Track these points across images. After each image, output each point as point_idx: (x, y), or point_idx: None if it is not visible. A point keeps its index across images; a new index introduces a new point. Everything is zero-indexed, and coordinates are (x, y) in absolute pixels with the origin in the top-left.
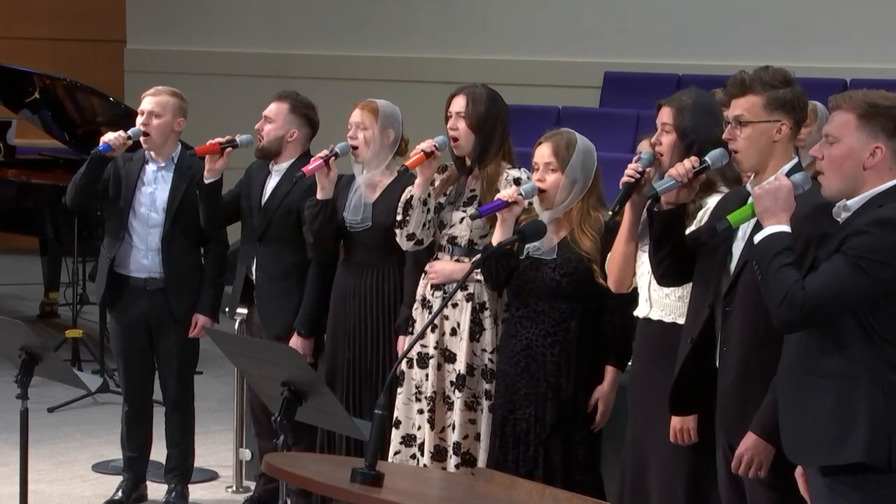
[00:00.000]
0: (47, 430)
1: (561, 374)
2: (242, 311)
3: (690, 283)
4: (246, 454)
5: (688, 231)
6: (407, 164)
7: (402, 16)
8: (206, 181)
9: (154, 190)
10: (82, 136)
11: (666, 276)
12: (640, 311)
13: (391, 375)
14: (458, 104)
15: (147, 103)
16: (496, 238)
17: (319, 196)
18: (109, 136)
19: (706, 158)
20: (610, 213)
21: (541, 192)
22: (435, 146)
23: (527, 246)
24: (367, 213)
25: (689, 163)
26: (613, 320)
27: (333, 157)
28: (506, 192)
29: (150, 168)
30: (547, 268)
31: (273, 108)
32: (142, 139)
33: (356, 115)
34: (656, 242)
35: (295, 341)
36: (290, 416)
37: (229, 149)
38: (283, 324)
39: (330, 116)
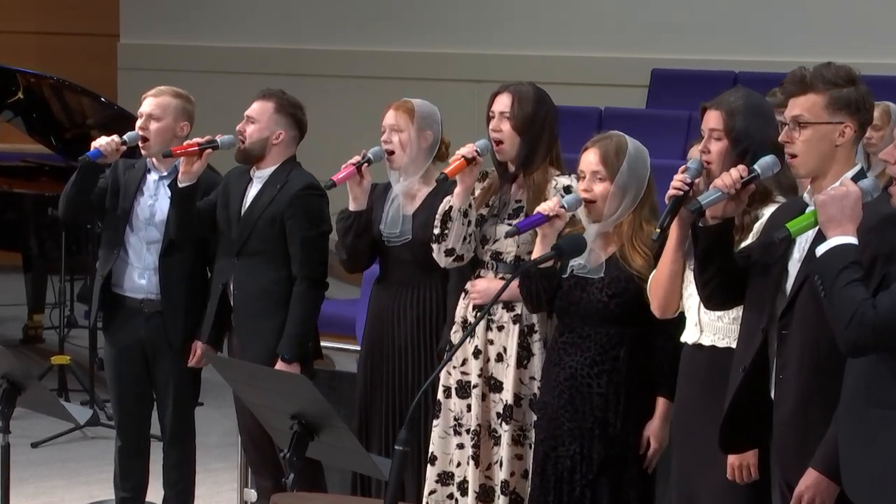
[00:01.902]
0: (31, 467)
1: (609, 407)
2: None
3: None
4: (251, 495)
5: (742, 246)
6: (446, 171)
7: (427, 7)
8: (181, 185)
9: (154, 202)
10: (71, 140)
11: (713, 297)
12: (689, 337)
13: (413, 407)
14: (502, 103)
15: (146, 105)
16: (536, 254)
17: (352, 207)
18: (100, 142)
19: (755, 167)
20: (657, 230)
21: (587, 203)
22: (476, 151)
23: (571, 263)
24: (407, 226)
25: (737, 172)
26: (667, 347)
27: (366, 164)
28: (546, 205)
29: (151, 178)
30: (593, 288)
31: (256, 108)
32: (140, 145)
33: (390, 117)
34: (701, 261)
35: (279, 368)
36: (300, 453)
37: (209, 150)
38: (265, 348)
39: (343, 117)
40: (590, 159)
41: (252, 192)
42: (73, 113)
